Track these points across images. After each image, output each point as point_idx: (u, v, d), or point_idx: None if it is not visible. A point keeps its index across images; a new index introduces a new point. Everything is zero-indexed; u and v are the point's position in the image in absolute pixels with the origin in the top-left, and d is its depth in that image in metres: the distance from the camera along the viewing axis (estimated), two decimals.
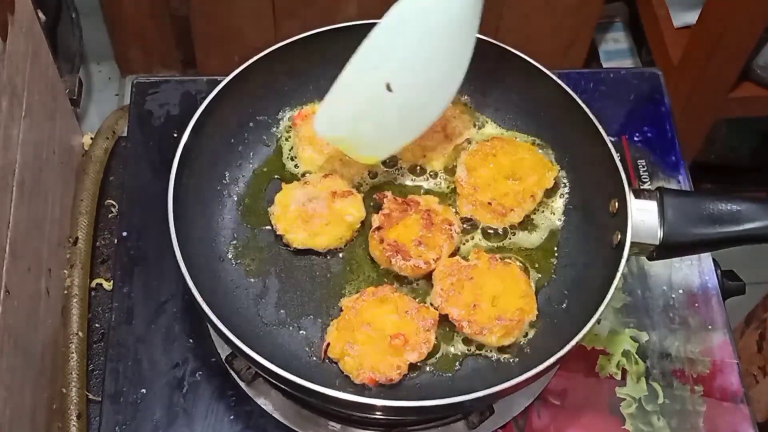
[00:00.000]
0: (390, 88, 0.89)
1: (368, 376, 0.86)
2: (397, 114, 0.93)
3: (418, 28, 0.89)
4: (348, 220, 0.96)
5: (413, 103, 0.93)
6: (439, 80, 0.93)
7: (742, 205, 0.89)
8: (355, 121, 0.92)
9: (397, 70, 0.90)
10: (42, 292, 1.03)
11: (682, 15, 1.89)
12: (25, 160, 1.01)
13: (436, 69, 0.92)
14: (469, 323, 0.90)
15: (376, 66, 0.90)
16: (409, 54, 0.90)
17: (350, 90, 0.91)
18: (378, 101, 0.91)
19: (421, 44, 0.90)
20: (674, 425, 0.97)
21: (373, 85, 0.90)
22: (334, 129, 0.93)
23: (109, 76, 2.26)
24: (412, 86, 0.91)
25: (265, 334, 0.92)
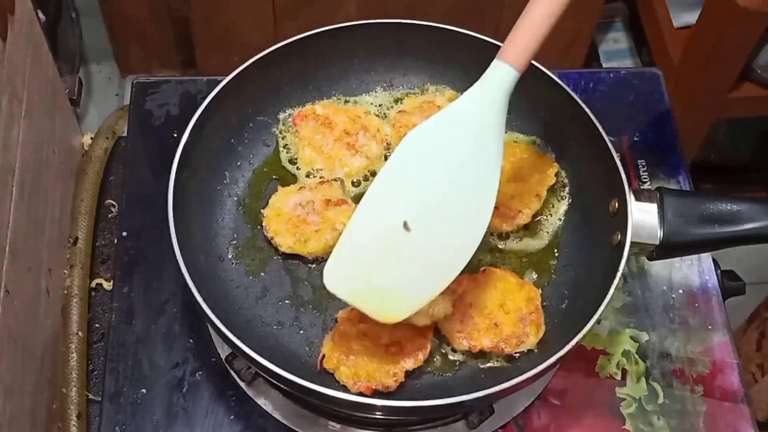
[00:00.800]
0: (407, 227, 0.78)
1: (364, 385, 0.86)
2: (419, 258, 0.79)
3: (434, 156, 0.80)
4: (339, 228, 0.94)
5: (437, 243, 0.79)
6: (465, 213, 0.80)
7: (742, 205, 0.89)
8: (370, 271, 0.79)
9: (414, 205, 0.79)
10: (42, 292, 1.03)
11: (682, 15, 1.89)
12: (25, 160, 1.00)
13: (460, 201, 0.80)
14: (505, 343, 0.89)
15: (389, 204, 0.79)
16: (427, 186, 0.79)
17: (362, 234, 0.79)
18: (395, 245, 0.79)
19: (439, 174, 0.79)
20: (674, 425, 0.97)
21: (388, 226, 0.79)
22: (346, 283, 0.79)
23: (109, 76, 2.26)
24: (434, 223, 0.79)
25: (265, 334, 0.92)
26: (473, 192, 0.80)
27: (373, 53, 1.07)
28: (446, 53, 1.06)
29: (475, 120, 0.80)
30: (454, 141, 0.80)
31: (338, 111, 1.04)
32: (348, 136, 1.02)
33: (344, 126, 1.02)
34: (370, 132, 1.03)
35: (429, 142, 0.80)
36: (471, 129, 0.80)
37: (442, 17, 1.04)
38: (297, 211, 0.96)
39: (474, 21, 1.95)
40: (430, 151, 0.80)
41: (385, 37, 1.05)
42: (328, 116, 1.03)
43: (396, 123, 1.03)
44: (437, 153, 0.80)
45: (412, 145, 0.81)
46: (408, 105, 1.06)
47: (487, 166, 0.80)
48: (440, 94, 1.07)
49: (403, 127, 1.02)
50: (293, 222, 0.95)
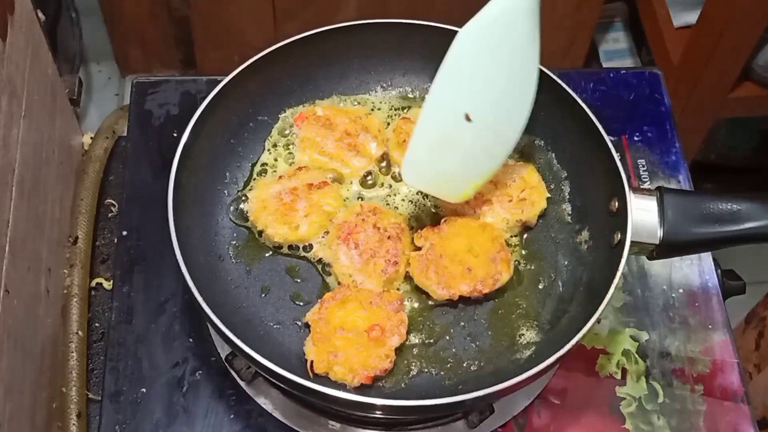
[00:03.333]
0: (469, 118, 0.88)
1: (363, 376, 0.86)
2: (480, 143, 0.90)
3: (485, 52, 0.87)
4: (327, 209, 0.96)
5: (493, 128, 0.90)
6: (514, 99, 0.90)
7: (742, 205, 0.89)
8: (440, 161, 0.91)
9: (473, 97, 0.88)
10: (42, 292, 1.03)
11: (682, 15, 1.89)
12: (25, 159, 1.01)
13: (510, 88, 0.90)
14: (482, 284, 0.91)
15: (452, 99, 0.88)
16: (483, 79, 0.88)
17: (430, 130, 0.89)
18: (459, 135, 0.89)
19: (491, 68, 0.88)
20: (674, 424, 0.97)
21: (453, 119, 0.88)
22: (422, 175, 0.92)
23: (109, 76, 2.26)
24: (490, 111, 0.89)
25: (265, 333, 0.91)
26: (519, 82, 0.89)
27: (373, 53, 1.07)
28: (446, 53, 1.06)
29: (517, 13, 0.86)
30: (502, 34, 0.87)
31: (339, 112, 1.04)
32: (349, 136, 1.02)
33: (345, 127, 1.02)
34: (371, 132, 1.03)
35: (479, 38, 0.87)
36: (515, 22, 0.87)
37: (442, 17, 1.04)
38: (282, 200, 0.96)
39: None
40: (481, 44, 0.87)
41: (385, 37, 1.05)
42: (328, 117, 1.03)
43: (397, 129, 1.03)
44: (488, 46, 0.87)
45: (464, 44, 0.87)
46: (413, 114, 1.05)
47: (530, 54, 0.88)
48: None
49: (403, 134, 1.02)
50: (280, 212, 0.95)
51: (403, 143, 1.01)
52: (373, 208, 0.96)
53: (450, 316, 0.94)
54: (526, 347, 0.91)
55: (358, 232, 0.94)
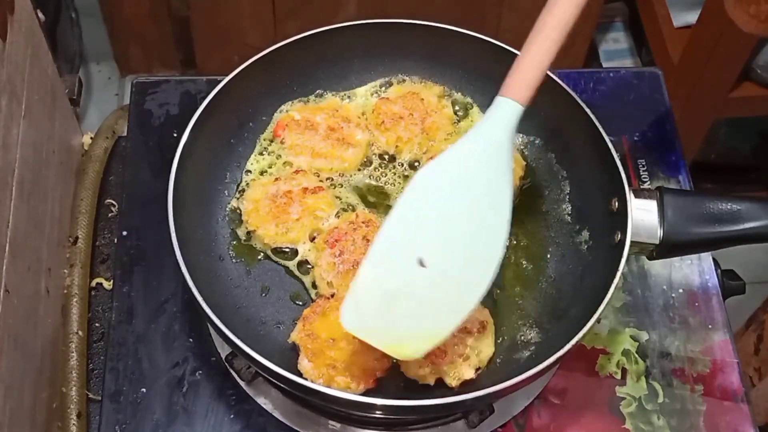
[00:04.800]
0: (423, 264, 0.79)
1: (369, 381, 0.86)
2: (436, 294, 0.80)
3: (445, 193, 0.81)
4: (319, 215, 0.96)
5: (452, 278, 0.80)
6: (478, 248, 0.81)
7: (742, 205, 0.89)
8: (386, 309, 0.79)
9: (429, 241, 0.80)
10: (42, 292, 1.03)
11: (682, 15, 1.89)
12: (25, 159, 1.00)
13: (473, 236, 0.81)
14: None
15: (403, 241, 0.80)
16: (439, 221, 0.80)
17: (378, 273, 0.79)
18: (412, 282, 0.79)
19: (452, 210, 0.81)
20: (674, 424, 0.97)
21: (403, 264, 0.79)
22: (363, 321, 0.79)
23: (109, 76, 2.26)
24: (449, 258, 0.80)
25: (265, 333, 0.92)
26: (485, 227, 0.81)
27: (372, 53, 1.07)
28: (446, 53, 1.06)
29: (483, 157, 0.82)
30: (465, 178, 0.82)
31: (314, 110, 1.04)
32: (333, 131, 1.02)
33: (326, 123, 1.02)
34: (353, 121, 1.03)
35: (439, 180, 0.82)
36: (480, 166, 0.82)
37: (441, 17, 1.04)
38: (276, 202, 0.96)
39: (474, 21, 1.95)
40: (440, 188, 0.82)
41: (384, 36, 1.05)
42: (307, 119, 1.02)
43: (376, 109, 1.04)
44: (448, 190, 0.82)
45: (423, 182, 0.82)
46: (392, 93, 1.06)
47: (497, 200, 0.82)
48: (427, 88, 1.07)
49: (382, 114, 1.03)
50: (273, 213, 0.96)
51: (382, 124, 1.02)
52: (367, 220, 0.95)
53: None
54: (526, 347, 0.91)
55: (347, 241, 0.93)
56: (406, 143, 1.02)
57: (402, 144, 1.02)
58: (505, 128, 0.83)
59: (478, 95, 1.07)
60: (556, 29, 0.82)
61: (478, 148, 0.82)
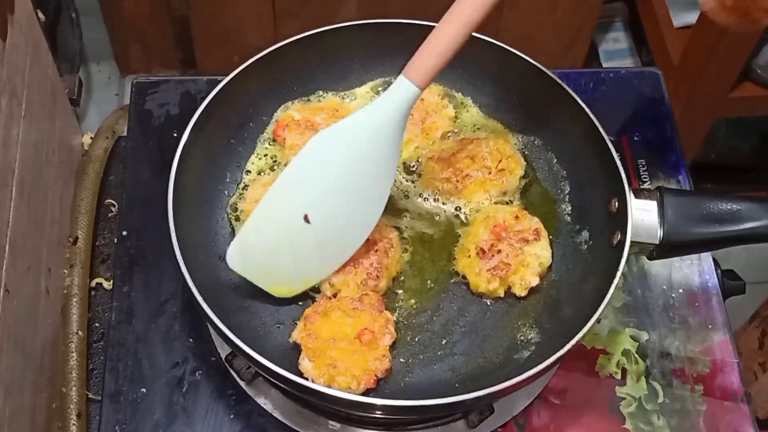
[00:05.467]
0: (308, 220, 0.87)
1: (370, 380, 0.86)
2: (316, 246, 0.89)
3: (337, 157, 0.88)
4: None
5: (333, 233, 0.89)
6: (361, 208, 0.90)
7: (742, 205, 0.89)
8: (271, 254, 0.89)
9: (316, 200, 0.88)
10: (42, 292, 1.03)
11: (682, 15, 1.89)
12: (25, 159, 1.00)
13: (355, 200, 0.89)
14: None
15: (293, 197, 0.88)
16: (328, 184, 0.88)
17: (266, 223, 0.88)
18: (295, 234, 0.88)
19: (340, 174, 0.88)
20: (674, 424, 0.97)
21: (291, 218, 0.88)
22: (248, 263, 0.89)
23: (109, 75, 2.26)
24: (332, 216, 0.89)
25: (265, 333, 0.92)
26: (368, 193, 0.89)
27: (373, 53, 1.07)
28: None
29: (377, 129, 0.87)
30: (357, 145, 0.88)
31: (314, 110, 1.04)
32: None
33: (327, 123, 1.02)
34: None
35: (333, 144, 0.88)
36: (373, 136, 0.88)
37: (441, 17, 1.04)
38: None
39: None
40: (333, 152, 0.88)
41: (385, 37, 1.05)
42: (307, 118, 1.02)
43: None
44: (340, 155, 0.88)
45: (317, 145, 0.88)
46: None
47: (381, 174, 0.89)
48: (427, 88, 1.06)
49: None
50: None
51: None
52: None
53: (449, 315, 0.94)
54: (526, 347, 0.91)
55: None
56: (405, 143, 1.02)
57: (402, 144, 1.02)
58: (400, 108, 0.87)
59: (478, 95, 1.07)
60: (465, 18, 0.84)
61: (371, 122, 0.87)
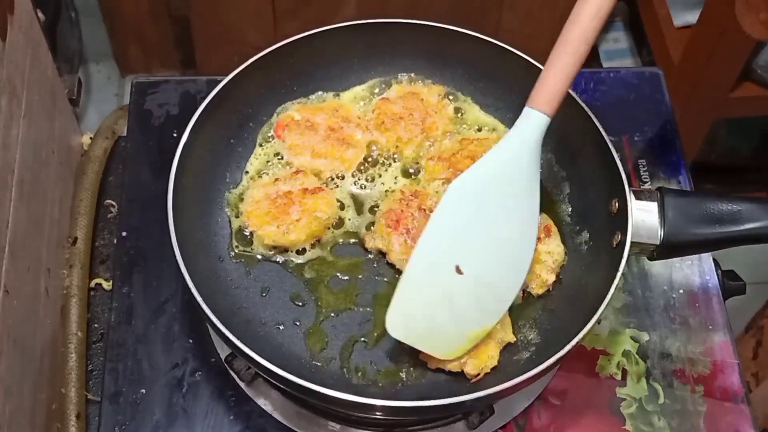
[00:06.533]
0: (460, 271, 0.85)
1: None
2: (474, 297, 0.86)
3: (479, 202, 0.87)
4: (319, 216, 0.96)
5: (488, 281, 0.86)
6: (510, 253, 0.88)
7: (742, 205, 0.89)
8: (429, 314, 0.85)
9: (464, 249, 0.86)
10: (41, 292, 1.03)
11: (683, 14, 1.89)
12: (25, 159, 1.00)
13: (505, 242, 0.87)
14: None
15: (441, 250, 0.86)
16: (473, 231, 0.86)
17: (419, 282, 0.85)
18: (451, 287, 0.85)
19: (486, 218, 0.86)
20: (675, 425, 0.97)
21: (443, 272, 0.85)
22: (409, 329, 0.85)
23: (109, 75, 2.26)
24: (483, 265, 0.86)
25: (265, 334, 0.91)
26: (516, 233, 0.88)
27: (372, 53, 1.07)
28: (446, 53, 1.06)
29: (513, 167, 0.87)
30: (496, 187, 0.87)
31: (314, 110, 1.04)
32: (333, 131, 1.02)
33: (327, 123, 1.02)
34: (353, 121, 1.03)
35: (472, 189, 0.87)
36: (512, 175, 0.87)
37: (441, 17, 1.04)
38: (276, 202, 0.96)
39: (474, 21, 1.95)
40: (473, 197, 0.87)
41: (384, 37, 1.05)
42: (307, 119, 1.02)
43: (376, 109, 1.04)
44: (481, 199, 0.87)
45: (456, 192, 0.87)
46: (392, 93, 1.06)
47: (527, 207, 0.88)
48: (427, 87, 1.07)
49: (382, 114, 1.03)
50: (273, 214, 0.95)
51: (382, 124, 1.02)
52: (413, 192, 0.97)
53: None
54: (526, 348, 0.91)
55: (406, 217, 0.95)
56: (406, 143, 1.02)
57: (402, 144, 1.02)
58: (533, 138, 0.87)
59: (478, 95, 1.07)
60: (581, 41, 0.85)
61: (508, 158, 0.87)
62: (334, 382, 0.87)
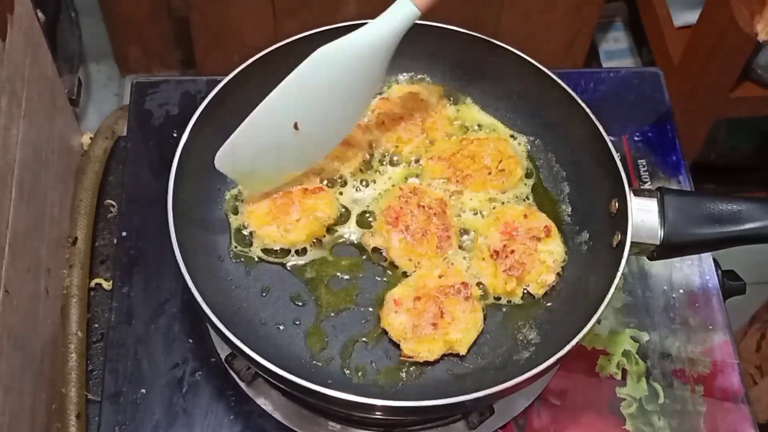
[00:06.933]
0: (297, 127, 0.91)
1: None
2: (299, 149, 0.94)
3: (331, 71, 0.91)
4: (319, 216, 0.96)
5: (316, 138, 0.95)
6: (343, 116, 0.96)
7: (742, 205, 0.89)
8: (257, 157, 0.93)
9: (307, 110, 0.92)
10: (41, 292, 1.03)
11: (683, 14, 1.89)
12: (25, 159, 1.00)
13: (342, 106, 0.95)
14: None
15: (287, 107, 0.91)
16: (320, 96, 0.92)
17: (258, 129, 0.92)
18: (283, 139, 0.93)
19: (330, 86, 0.92)
20: (675, 425, 0.97)
21: (282, 125, 0.92)
22: (235, 165, 0.93)
23: (109, 76, 2.26)
24: (318, 123, 0.93)
25: (265, 334, 0.91)
26: (350, 106, 0.95)
27: None
28: (446, 53, 1.06)
29: (371, 48, 0.91)
30: (350, 63, 0.92)
31: None
32: None
33: None
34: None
35: (331, 61, 0.91)
36: (366, 53, 0.91)
37: (441, 17, 1.04)
38: (276, 203, 0.96)
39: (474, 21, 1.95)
40: (329, 68, 0.91)
41: None
42: None
43: (376, 109, 1.04)
44: (334, 71, 0.91)
45: (316, 61, 0.91)
46: (392, 93, 1.06)
47: (367, 88, 0.95)
48: (427, 88, 1.07)
49: (382, 114, 1.03)
50: (273, 215, 0.96)
51: (382, 124, 1.02)
52: (412, 188, 0.98)
53: None
54: (526, 348, 0.91)
55: (406, 214, 0.95)
56: (406, 143, 1.02)
57: (402, 144, 1.02)
58: (396, 29, 0.91)
59: (478, 95, 1.07)
60: None
61: (372, 40, 0.91)
62: (334, 382, 0.87)
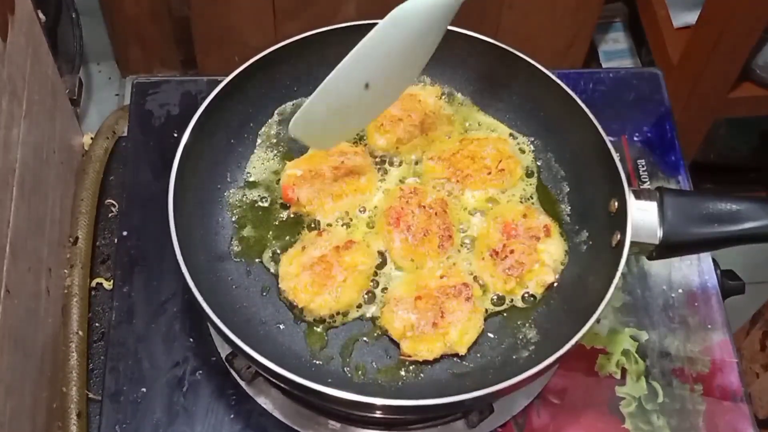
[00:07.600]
0: (367, 87, 0.92)
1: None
2: (366, 106, 0.95)
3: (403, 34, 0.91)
4: (362, 269, 0.93)
5: (382, 94, 0.95)
6: (409, 74, 0.97)
7: (741, 205, 0.89)
8: (328, 119, 0.93)
9: (378, 69, 0.92)
10: (42, 292, 1.03)
11: (682, 15, 1.89)
12: (25, 160, 1.01)
13: (407, 65, 0.95)
14: None
15: (360, 70, 0.91)
16: (389, 57, 0.92)
17: (332, 94, 0.92)
18: (354, 99, 0.93)
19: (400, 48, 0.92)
20: (674, 424, 0.98)
21: (355, 87, 0.92)
22: (307, 130, 0.94)
23: (109, 76, 2.26)
24: (385, 81, 0.94)
25: (265, 333, 0.92)
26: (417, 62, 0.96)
27: None
28: (445, 53, 1.06)
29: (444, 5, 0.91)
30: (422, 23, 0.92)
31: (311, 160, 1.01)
32: (339, 169, 0.99)
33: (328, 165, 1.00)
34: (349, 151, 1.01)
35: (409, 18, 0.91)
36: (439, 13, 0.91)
37: None
38: (315, 270, 0.91)
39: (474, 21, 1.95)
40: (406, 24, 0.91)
41: None
42: (309, 170, 0.99)
43: None
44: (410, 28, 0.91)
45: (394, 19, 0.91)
46: None
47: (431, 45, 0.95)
48: (425, 89, 1.07)
49: (381, 116, 1.02)
50: (318, 283, 0.91)
51: (381, 126, 1.03)
52: (413, 189, 0.98)
53: None
54: (525, 347, 0.91)
55: (406, 215, 0.95)
56: (405, 144, 1.03)
57: (401, 145, 1.03)
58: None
59: (478, 95, 1.07)
60: None
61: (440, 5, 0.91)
62: (335, 380, 0.87)
